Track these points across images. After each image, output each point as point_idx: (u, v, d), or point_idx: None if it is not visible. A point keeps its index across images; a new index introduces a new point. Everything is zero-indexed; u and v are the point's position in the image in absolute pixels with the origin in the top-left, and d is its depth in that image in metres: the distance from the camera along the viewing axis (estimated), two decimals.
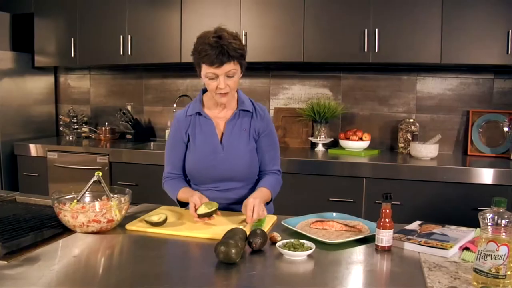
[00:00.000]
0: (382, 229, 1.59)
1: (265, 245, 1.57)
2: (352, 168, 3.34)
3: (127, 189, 1.85)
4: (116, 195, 1.84)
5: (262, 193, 2.05)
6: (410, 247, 1.62)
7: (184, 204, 2.15)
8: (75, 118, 4.56)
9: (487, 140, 3.71)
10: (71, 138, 4.51)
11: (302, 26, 3.65)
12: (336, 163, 3.40)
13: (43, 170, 4.08)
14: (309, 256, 1.53)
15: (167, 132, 4.39)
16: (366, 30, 3.51)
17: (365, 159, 3.49)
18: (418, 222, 1.88)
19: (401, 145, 3.83)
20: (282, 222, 1.86)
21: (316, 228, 1.81)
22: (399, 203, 3.17)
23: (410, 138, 3.77)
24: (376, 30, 3.49)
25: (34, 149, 4.13)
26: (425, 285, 1.31)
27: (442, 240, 1.63)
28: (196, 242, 1.69)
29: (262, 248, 1.57)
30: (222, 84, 1.93)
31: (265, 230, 1.72)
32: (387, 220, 1.59)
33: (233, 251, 1.40)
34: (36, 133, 4.55)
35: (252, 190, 2.18)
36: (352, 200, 3.32)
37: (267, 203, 2.16)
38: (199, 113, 2.14)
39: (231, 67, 1.92)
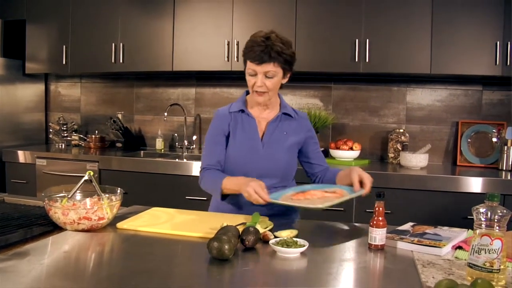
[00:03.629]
0: (375, 228, 1.58)
1: (257, 243, 1.56)
2: None
3: (119, 189, 1.84)
4: (107, 194, 1.82)
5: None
6: (403, 246, 1.61)
7: (225, 197, 2.09)
8: (65, 126, 4.52)
9: (476, 150, 3.73)
10: (60, 146, 4.47)
11: (293, 35, 3.67)
12: None
13: (31, 177, 4.03)
14: (302, 253, 1.52)
15: (158, 141, 4.38)
16: (357, 40, 3.54)
17: None
18: (411, 223, 1.88)
19: (391, 155, 3.84)
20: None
21: (299, 199, 1.84)
22: (389, 211, 3.11)
23: (400, 148, 3.78)
24: (367, 40, 3.52)
25: (22, 156, 4.08)
26: (420, 280, 1.30)
27: (435, 239, 1.62)
28: (188, 240, 1.68)
29: (254, 246, 1.56)
30: (259, 82, 2.00)
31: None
32: (380, 218, 1.59)
33: (226, 247, 1.39)
34: (25, 140, 4.50)
35: None
36: (342, 209, 3.30)
37: None
38: (243, 111, 2.17)
39: (271, 68, 1.98)
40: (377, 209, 1.60)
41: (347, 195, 1.81)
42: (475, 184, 3.08)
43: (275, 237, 1.63)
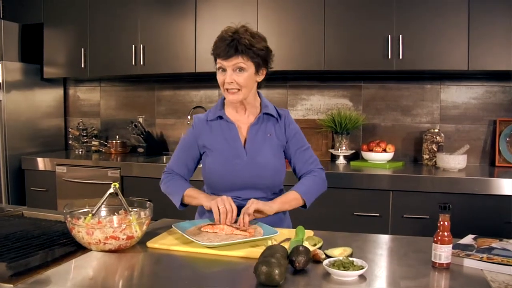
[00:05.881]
0: (441, 244, 1.40)
1: (308, 264, 1.38)
2: (378, 181, 3.16)
3: (148, 202, 1.67)
4: (135, 209, 1.66)
5: (280, 198, 1.95)
6: (471, 263, 1.43)
7: (184, 205, 2.05)
8: (84, 131, 4.41)
9: None
10: (80, 152, 4.36)
11: (322, 33, 3.50)
12: (361, 176, 3.23)
13: (51, 185, 3.92)
14: (360, 275, 1.33)
15: None
16: (389, 36, 3.35)
17: (390, 171, 3.31)
18: (471, 236, 1.69)
19: (426, 156, 3.64)
20: (172, 226, 1.78)
21: (207, 232, 1.72)
22: (427, 216, 3.02)
23: (436, 149, 3.58)
24: (400, 36, 3.34)
25: (42, 163, 3.97)
26: None
27: (506, 256, 1.43)
28: (229, 261, 1.50)
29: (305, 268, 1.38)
30: (228, 78, 1.87)
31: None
32: (445, 233, 1.40)
33: (277, 271, 1.21)
34: (44, 147, 4.40)
35: None
36: (378, 215, 3.13)
37: (303, 207, 2.01)
38: (221, 117, 2.02)
39: (239, 60, 1.85)
40: (441, 223, 1.41)
41: (258, 235, 1.67)
42: None
43: (327, 256, 1.45)
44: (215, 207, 1.79)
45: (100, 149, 4.39)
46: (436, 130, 3.64)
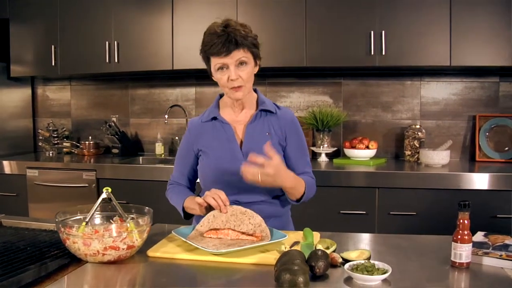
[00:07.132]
0: (461, 243, 1.35)
1: (328, 269, 1.30)
2: (363, 178, 3.12)
3: (147, 208, 1.55)
4: (131, 215, 1.54)
5: (295, 177, 1.81)
6: (490, 262, 1.40)
7: (189, 215, 1.93)
8: (55, 133, 4.22)
9: (495, 145, 3.56)
10: (51, 154, 4.17)
11: (304, 29, 3.43)
12: (346, 173, 3.17)
13: (22, 190, 3.70)
14: (383, 280, 1.26)
15: (157, 145, 4.09)
16: (372, 32, 3.31)
17: (374, 168, 3.27)
18: (481, 232, 1.65)
19: (407, 152, 3.63)
20: (172, 232, 1.67)
21: (210, 237, 1.62)
22: (414, 213, 3.01)
23: (418, 145, 3.57)
24: (383, 32, 3.30)
25: (11, 167, 3.75)
26: None
27: None
28: (240, 269, 1.39)
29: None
30: (233, 74, 1.75)
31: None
32: (465, 232, 1.35)
33: (301, 279, 1.13)
34: (12, 149, 4.19)
35: (279, 206, 1.93)
36: (364, 212, 3.09)
37: (298, 201, 1.90)
38: (215, 118, 1.91)
39: (241, 54, 1.75)
40: (461, 221, 1.36)
41: (266, 239, 1.57)
42: (503, 182, 2.89)
43: (343, 259, 1.37)
44: (208, 201, 1.69)
45: (72, 150, 4.21)
46: (418, 126, 3.63)
